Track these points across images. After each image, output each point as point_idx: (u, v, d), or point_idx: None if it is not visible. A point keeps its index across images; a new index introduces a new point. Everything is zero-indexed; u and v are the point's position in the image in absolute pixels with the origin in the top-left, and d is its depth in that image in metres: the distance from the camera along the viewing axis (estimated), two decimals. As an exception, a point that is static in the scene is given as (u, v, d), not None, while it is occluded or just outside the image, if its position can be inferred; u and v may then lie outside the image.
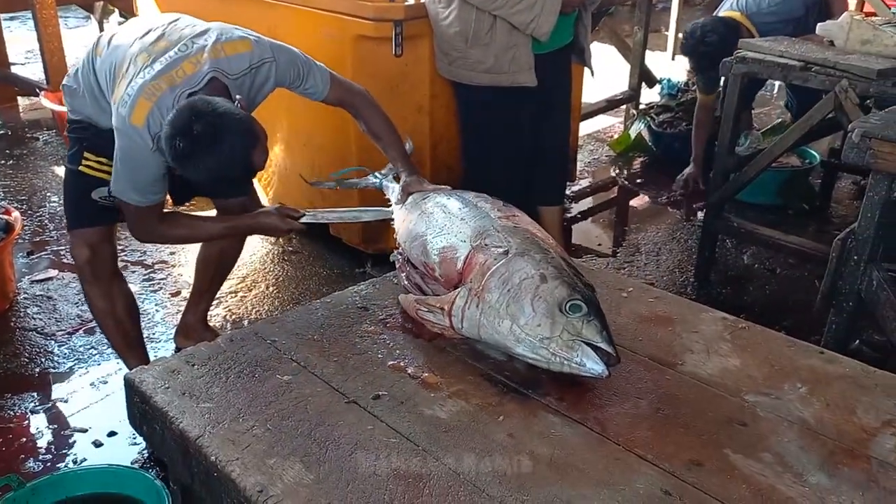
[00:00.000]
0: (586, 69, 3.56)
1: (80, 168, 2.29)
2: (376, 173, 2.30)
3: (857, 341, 2.93)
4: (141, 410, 1.57)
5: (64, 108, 2.68)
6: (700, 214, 3.97)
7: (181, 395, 1.52)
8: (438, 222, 1.84)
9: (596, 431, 1.43)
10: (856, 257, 2.25)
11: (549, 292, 1.56)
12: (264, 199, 3.61)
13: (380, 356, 1.66)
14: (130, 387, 1.59)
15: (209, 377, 1.58)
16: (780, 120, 4.79)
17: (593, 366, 1.49)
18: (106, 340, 2.61)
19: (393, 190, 2.20)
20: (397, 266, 1.97)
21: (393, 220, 2.11)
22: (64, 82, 2.37)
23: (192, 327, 2.81)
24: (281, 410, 1.47)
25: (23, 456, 2.38)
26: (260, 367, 1.61)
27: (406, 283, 1.88)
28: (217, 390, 1.53)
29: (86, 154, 2.28)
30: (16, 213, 3.28)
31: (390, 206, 2.17)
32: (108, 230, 2.37)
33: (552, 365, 1.52)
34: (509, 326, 1.56)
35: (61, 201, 4.34)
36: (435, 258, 1.79)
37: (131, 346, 2.54)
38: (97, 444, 2.42)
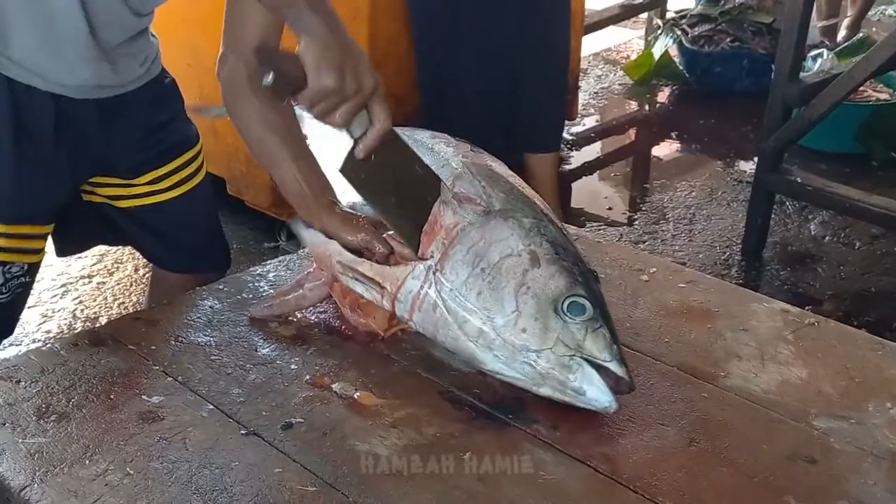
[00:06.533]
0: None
1: None
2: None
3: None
4: (-57, 449, 1.53)
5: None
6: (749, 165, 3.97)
7: (0, 426, 1.48)
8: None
9: (603, 473, 1.41)
10: (967, 225, 2.26)
11: (542, 282, 1.52)
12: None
13: (293, 367, 1.64)
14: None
15: (42, 399, 1.54)
16: (862, 34, 4.82)
17: (597, 395, 1.47)
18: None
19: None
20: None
21: None
22: None
23: None
24: (148, 447, 1.44)
25: None
26: (118, 385, 1.58)
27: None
28: (53, 419, 1.49)
29: None
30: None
31: None
32: None
33: (538, 388, 1.51)
34: (480, 325, 1.53)
35: None
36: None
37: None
38: None
